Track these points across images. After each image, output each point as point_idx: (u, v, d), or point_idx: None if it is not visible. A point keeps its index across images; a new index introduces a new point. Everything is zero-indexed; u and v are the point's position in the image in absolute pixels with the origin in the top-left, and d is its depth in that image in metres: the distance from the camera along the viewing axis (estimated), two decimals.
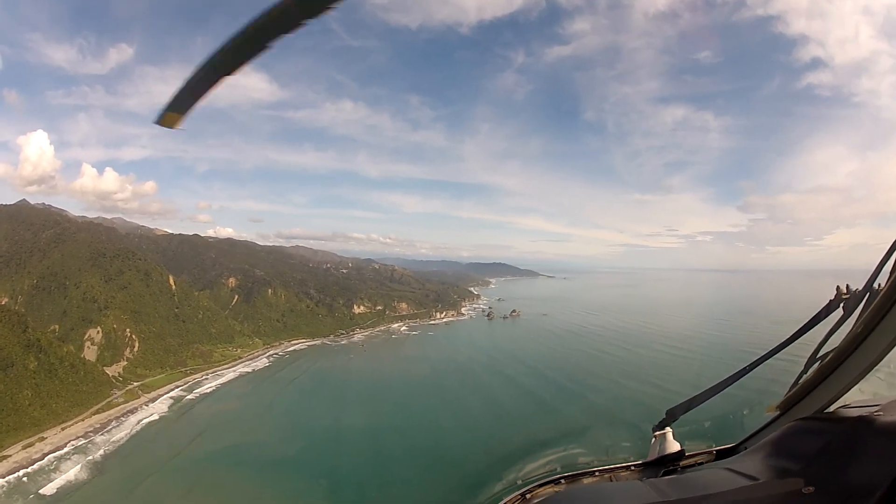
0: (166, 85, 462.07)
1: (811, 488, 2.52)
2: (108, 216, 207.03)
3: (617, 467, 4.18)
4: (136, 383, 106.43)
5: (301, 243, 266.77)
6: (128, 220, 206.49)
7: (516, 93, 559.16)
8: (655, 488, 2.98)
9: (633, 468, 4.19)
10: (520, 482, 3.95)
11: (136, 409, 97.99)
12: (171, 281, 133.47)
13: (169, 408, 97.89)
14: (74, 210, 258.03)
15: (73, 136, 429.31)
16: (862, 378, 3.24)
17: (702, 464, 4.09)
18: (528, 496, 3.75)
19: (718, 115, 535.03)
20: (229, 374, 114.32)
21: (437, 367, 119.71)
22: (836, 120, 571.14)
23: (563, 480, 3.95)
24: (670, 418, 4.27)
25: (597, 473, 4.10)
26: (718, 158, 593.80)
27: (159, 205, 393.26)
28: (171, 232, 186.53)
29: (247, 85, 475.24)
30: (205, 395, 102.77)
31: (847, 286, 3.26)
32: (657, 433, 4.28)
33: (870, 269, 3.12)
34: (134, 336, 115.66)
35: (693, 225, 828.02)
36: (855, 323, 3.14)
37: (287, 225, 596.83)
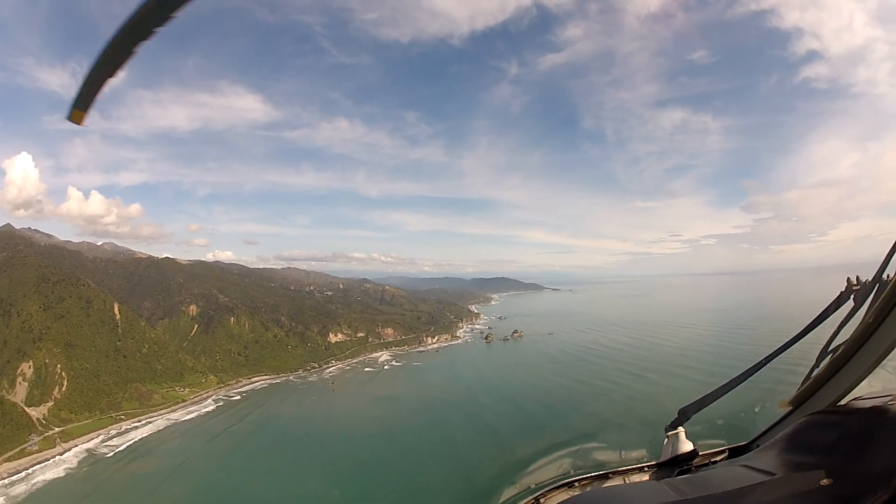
0: (161, 108, 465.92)
1: (829, 480, 2.53)
2: (99, 241, 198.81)
3: (630, 469, 4.07)
4: (57, 429, 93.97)
5: (300, 265, 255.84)
6: (119, 244, 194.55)
7: (513, 104, 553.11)
8: (673, 488, 2.92)
9: (646, 469, 4.09)
10: (532, 486, 3.75)
11: (47, 459, 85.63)
12: (116, 309, 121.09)
13: (79, 463, 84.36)
14: (65, 235, 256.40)
15: (71, 162, 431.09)
16: (874, 368, 3.22)
17: (715, 462, 4.03)
18: (541, 500, 3.62)
19: (717, 115, 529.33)
20: (161, 422, 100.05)
21: (401, 414, 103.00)
22: (835, 112, 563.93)
23: (576, 483, 3.85)
24: (682, 418, 4.11)
25: (610, 475, 4.01)
26: (719, 160, 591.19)
27: (151, 228, 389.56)
28: (156, 256, 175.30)
29: (242, 106, 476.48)
30: (121, 450, 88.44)
31: (857, 277, 3.25)
32: (670, 433, 4.13)
33: (876, 260, 3.09)
34: (63, 373, 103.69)
35: (696, 229, 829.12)
36: (865, 314, 3.12)
37: (288, 246, 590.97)
